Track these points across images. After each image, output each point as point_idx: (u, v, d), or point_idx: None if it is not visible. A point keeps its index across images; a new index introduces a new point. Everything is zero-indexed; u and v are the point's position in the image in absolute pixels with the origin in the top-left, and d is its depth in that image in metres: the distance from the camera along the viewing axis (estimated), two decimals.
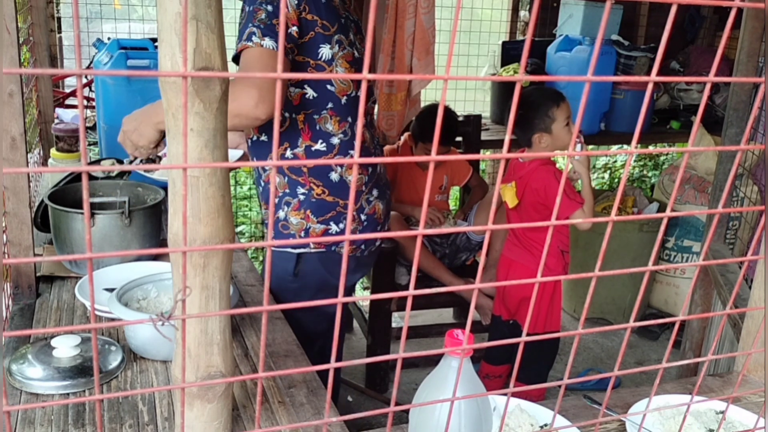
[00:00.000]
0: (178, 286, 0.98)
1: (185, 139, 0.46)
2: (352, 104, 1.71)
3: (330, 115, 1.68)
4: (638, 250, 3.47)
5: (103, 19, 3.75)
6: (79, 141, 2.24)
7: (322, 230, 1.73)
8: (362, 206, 1.77)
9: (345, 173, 1.71)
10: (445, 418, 0.71)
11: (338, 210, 1.74)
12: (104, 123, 2.33)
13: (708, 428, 1.19)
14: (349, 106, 1.70)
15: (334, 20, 1.65)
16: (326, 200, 1.72)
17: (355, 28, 1.76)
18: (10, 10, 1.43)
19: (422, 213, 0.55)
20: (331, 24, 1.64)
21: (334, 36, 1.65)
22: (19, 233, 1.51)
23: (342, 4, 1.72)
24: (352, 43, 1.71)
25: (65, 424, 1.14)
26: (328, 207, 1.72)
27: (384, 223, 1.86)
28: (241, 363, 1.38)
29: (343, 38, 1.67)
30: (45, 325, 1.48)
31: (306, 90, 1.66)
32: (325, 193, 1.71)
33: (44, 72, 0.71)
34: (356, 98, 1.71)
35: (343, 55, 1.66)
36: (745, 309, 1.51)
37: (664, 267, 3.19)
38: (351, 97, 1.71)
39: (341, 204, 1.73)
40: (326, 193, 1.71)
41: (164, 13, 0.87)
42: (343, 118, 1.70)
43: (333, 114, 1.68)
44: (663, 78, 0.56)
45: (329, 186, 1.71)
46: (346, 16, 1.71)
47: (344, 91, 1.69)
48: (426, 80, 2.96)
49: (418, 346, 3.21)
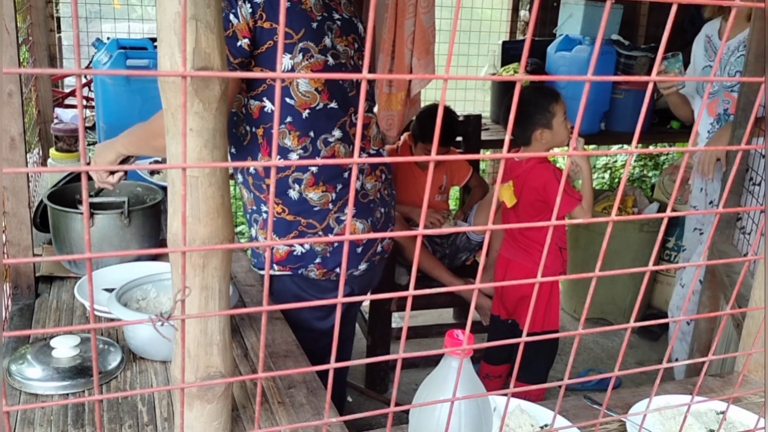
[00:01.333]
0: (178, 287, 0.98)
1: (185, 139, 0.46)
2: (317, 118, 1.57)
3: (289, 129, 1.57)
4: (638, 250, 3.47)
5: (102, 18, 3.75)
6: (79, 141, 2.24)
7: (286, 252, 1.63)
8: (330, 226, 1.63)
9: (305, 190, 1.60)
10: (445, 419, 0.71)
11: (300, 229, 1.62)
12: (103, 123, 2.33)
13: (708, 429, 1.19)
14: (312, 120, 1.57)
15: (300, 26, 1.53)
16: (286, 219, 1.62)
17: (341, 29, 1.63)
18: (10, 9, 1.43)
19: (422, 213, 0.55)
20: (295, 31, 1.53)
21: (298, 44, 1.53)
22: (18, 233, 1.51)
23: (321, 5, 1.59)
24: (326, 50, 1.58)
25: (65, 424, 1.14)
26: (288, 226, 1.62)
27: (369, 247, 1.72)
28: (240, 363, 1.37)
29: (311, 46, 1.54)
30: (44, 325, 1.48)
31: (265, 103, 1.55)
32: (285, 212, 1.61)
33: (43, 72, 0.71)
34: (323, 111, 1.58)
35: (309, 64, 1.54)
36: (745, 309, 1.51)
37: (665, 267, 3.19)
38: (316, 110, 1.57)
39: (303, 223, 1.62)
40: (286, 212, 1.61)
41: (163, 13, 0.87)
42: (304, 132, 1.57)
43: (292, 128, 1.57)
44: (663, 78, 0.55)
45: (288, 204, 1.61)
46: (322, 18, 1.58)
47: (306, 104, 1.56)
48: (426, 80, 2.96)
49: (418, 347, 3.21)
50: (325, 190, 1.61)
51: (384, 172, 1.77)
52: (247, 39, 1.47)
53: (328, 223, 1.63)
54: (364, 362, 0.59)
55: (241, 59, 1.48)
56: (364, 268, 1.73)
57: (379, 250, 1.77)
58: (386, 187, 1.77)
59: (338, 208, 1.64)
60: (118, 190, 1.90)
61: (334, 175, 1.62)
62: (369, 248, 1.72)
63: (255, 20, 1.47)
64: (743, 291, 1.73)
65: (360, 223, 1.68)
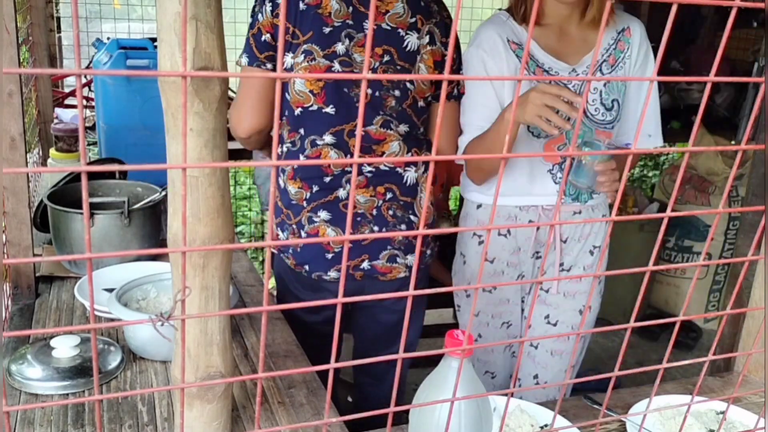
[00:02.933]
0: (178, 287, 0.98)
1: (185, 139, 0.46)
2: (308, 118, 1.61)
3: (285, 122, 1.66)
4: (638, 250, 3.47)
5: (102, 18, 3.75)
6: (79, 141, 2.24)
7: (276, 234, 1.73)
8: (302, 222, 1.66)
9: (286, 181, 1.67)
10: (445, 419, 0.71)
11: (282, 218, 1.69)
12: (103, 123, 2.33)
13: (708, 429, 1.19)
14: (303, 119, 1.62)
15: (309, 29, 1.57)
16: (278, 204, 1.71)
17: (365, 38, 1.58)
18: (10, 9, 1.43)
19: (422, 213, 0.55)
20: (302, 32, 1.57)
21: (303, 45, 1.57)
22: (18, 233, 1.51)
23: (349, 12, 1.59)
24: (334, 56, 1.58)
25: (65, 424, 1.14)
26: (278, 211, 1.71)
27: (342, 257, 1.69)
28: (240, 363, 1.38)
29: (315, 49, 1.57)
30: (44, 325, 1.48)
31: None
32: (278, 197, 1.70)
33: (43, 72, 0.71)
34: (316, 113, 1.61)
35: (309, 66, 1.57)
36: (745, 309, 1.51)
37: (665, 267, 3.19)
38: (308, 111, 1.61)
39: (284, 212, 1.69)
40: (278, 197, 1.70)
41: (163, 13, 0.87)
42: (294, 128, 1.64)
43: (287, 122, 1.66)
44: (663, 78, 0.55)
45: (279, 191, 1.69)
46: (342, 25, 1.58)
47: (299, 103, 1.61)
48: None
49: (419, 347, 3.21)
50: (301, 186, 1.65)
51: (392, 191, 1.67)
52: (269, 34, 1.59)
53: (301, 219, 1.66)
54: (364, 362, 0.59)
55: (267, 53, 1.59)
56: (334, 276, 1.67)
57: (366, 267, 1.68)
58: (392, 207, 1.68)
59: (311, 208, 1.65)
60: (119, 190, 1.90)
61: (311, 175, 1.64)
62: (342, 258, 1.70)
63: (274, 17, 1.58)
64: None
65: (332, 229, 1.65)
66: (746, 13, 3.72)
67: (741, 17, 2.17)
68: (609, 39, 1.67)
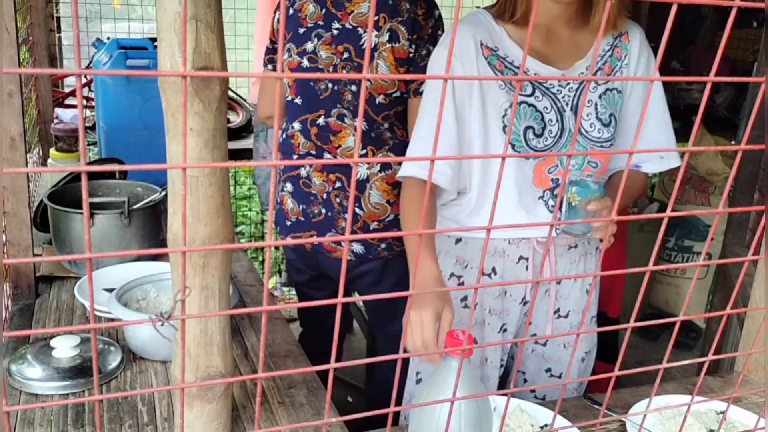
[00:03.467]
0: (178, 287, 0.98)
1: (185, 138, 0.46)
2: (288, 107, 1.84)
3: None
4: (638, 250, 3.46)
5: (102, 18, 3.75)
6: (79, 141, 2.24)
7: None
8: (278, 190, 1.89)
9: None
10: (445, 419, 0.71)
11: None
12: (103, 123, 2.33)
13: (708, 428, 1.19)
14: (286, 108, 1.85)
15: (290, 30, 1.79)
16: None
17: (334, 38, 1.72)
18: (10, 9, 1.43)
19: (422, 212, 0.55)
20: (287, 33, 1.81)
21: (286, 45, 1.80)
22: (18, 233, 1.51)
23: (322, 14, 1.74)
24: (304, 53, 1.77)
25: (65, 424, 1.14)
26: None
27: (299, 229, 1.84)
28: (240, 363, 1.38)
29: (292, 47, 1.78)
30: (44, 325, 1.48)
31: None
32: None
33: (43, 72, 0.71)
34: (289, 103, 1.82)
35: (287, 62, 1.80)
36: (745, 309, 1.51)
37: (665, 267, 3.19)
38: (287, 101, 1.84)
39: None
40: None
41: (164, 13, 0.87)
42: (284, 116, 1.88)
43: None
44: (663, 78, 0.55)
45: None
46: (313, 26, 1.75)
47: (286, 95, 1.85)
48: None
49: None
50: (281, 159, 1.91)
51: (341, 180, 1.77)
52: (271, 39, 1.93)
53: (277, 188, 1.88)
54: (364, 362, 0.59)
55: (269, 55, 1.93)
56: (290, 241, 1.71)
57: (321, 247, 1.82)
58: (339, 196, 1.79)
59: (283, 179, 1.87)
60: (119, 190, 1.90)
61: (286, 151, 1.87)
62: (299, 229, 1.84)
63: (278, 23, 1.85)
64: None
65: (291, 201, 1.85)
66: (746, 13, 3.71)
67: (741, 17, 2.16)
68: (604, 44, 1.44)
